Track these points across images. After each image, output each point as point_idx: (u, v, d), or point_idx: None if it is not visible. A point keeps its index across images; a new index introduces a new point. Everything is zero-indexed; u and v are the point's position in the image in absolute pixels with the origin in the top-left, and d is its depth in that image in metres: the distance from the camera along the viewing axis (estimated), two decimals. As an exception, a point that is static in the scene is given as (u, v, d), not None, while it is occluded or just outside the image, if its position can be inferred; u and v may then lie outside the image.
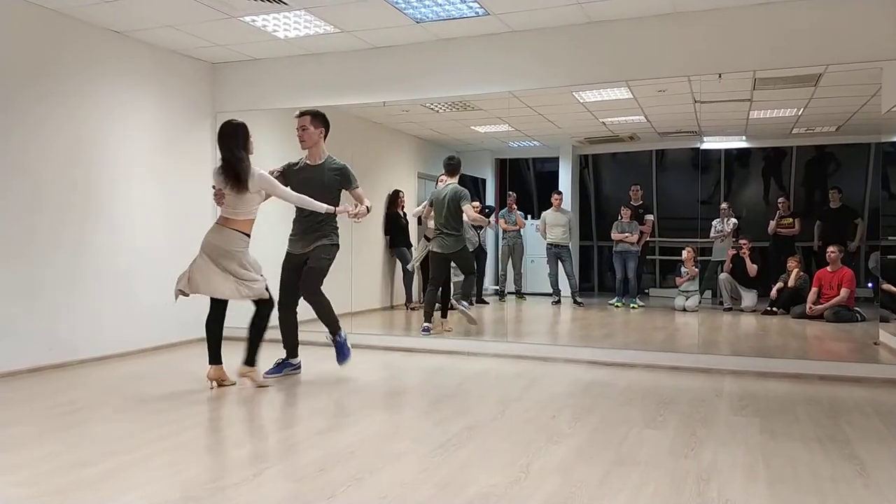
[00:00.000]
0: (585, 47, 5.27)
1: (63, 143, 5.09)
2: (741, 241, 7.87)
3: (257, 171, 4.15)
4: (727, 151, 8.46)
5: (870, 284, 7.11)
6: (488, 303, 8.28)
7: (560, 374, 4.86)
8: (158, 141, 5.93)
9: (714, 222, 8.09)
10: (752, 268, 7.73)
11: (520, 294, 8.50)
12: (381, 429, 3.44)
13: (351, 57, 5.98)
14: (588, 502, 2.44)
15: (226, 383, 4.33)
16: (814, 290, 7.08)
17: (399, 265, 7.67)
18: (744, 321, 7.34)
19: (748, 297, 7.70)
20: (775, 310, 7.42)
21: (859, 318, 6.71)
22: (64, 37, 5.11)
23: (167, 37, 5.65)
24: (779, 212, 7.99)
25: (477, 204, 6.55)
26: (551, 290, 8.24)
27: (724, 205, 8.21)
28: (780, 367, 4.80)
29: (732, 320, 7.42)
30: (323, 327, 4.59)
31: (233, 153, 4.08)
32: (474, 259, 6.53)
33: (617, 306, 8.20)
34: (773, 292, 7.49)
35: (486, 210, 8.01)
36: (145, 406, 3.88)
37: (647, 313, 8.07)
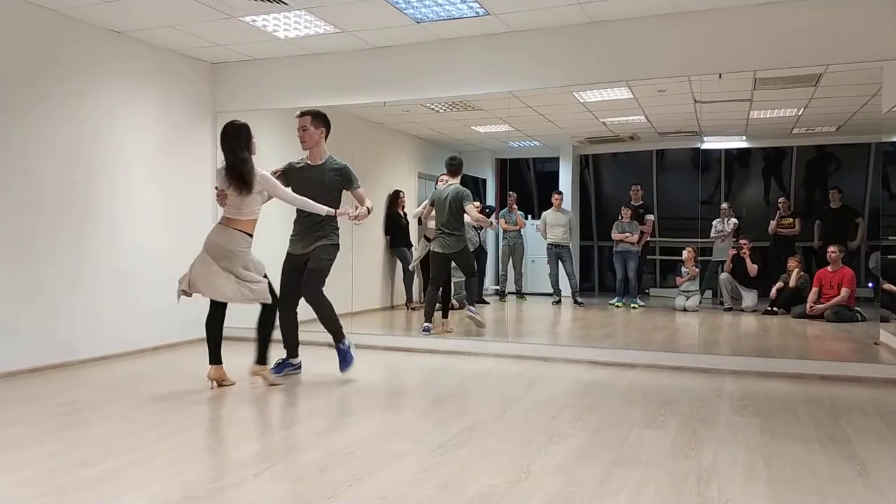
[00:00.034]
0: (585, 47, 5.27)
1: (63, 143, 5.10)
2: (741, 241, 7.86)
3: (259, 172, 4.16)
4: (727, 151, 8.45)
5: (870, 284, 7.10)
6: (489, 303, 8.27)
7: (561, 374, 4.86)
8: (159, 141, 5.93)
9: (714, 222, 8.09)
10: (753, 268, 7.72)
11: (520, 294, 8.51)
12: (382, 429, 3.44)
13: (351, 57, 5.98)
14: (589, 502, 2.44)
15: (226, 383, 4.33)
16: (814, 289, 7.07)
17: (399, 265, 7.67)
18: (744, 321, 7.34)
19: (749, 297, 7.70)
20: (776, 310, 7.42)
21: (860, 318, 6.70)
22: (64, 37, 5.11)
23: (167, 37, 5.65)
24: (779, 212, 7.98)
25: (478, 204, 6.55)
26: (552, 290, 8.24)
27: (724, 205, 8.20)
28: (780, 367, 4.80)
29: (733, 320, 7.42)
30: (323, 327, 4.57)
31: (236, 154, 4.08)
32: (475, 259, 6.53)
33: (617, 306, 8.20)
34: (772, 292, 7.49)
35: (487, 210, 8.01)
36: (145, 406, 3.88)
37: (647, 313, 8.06)
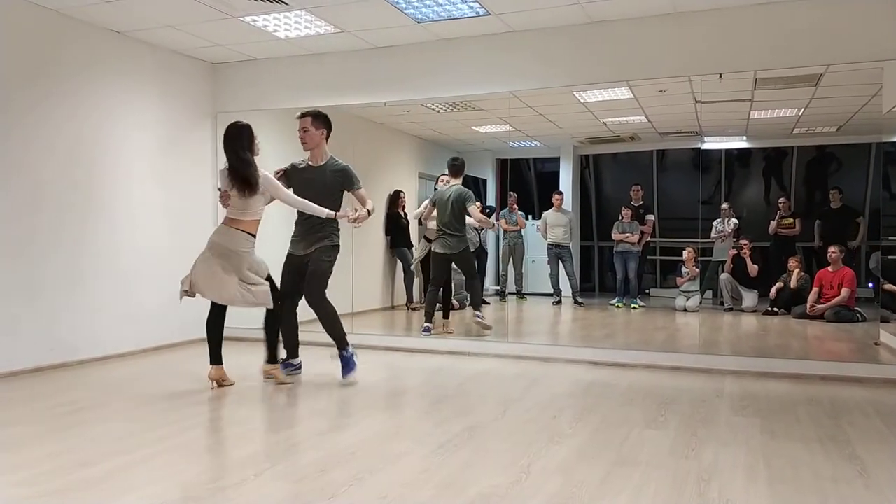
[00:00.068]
0: (586, 47, 5.27)
1: (63, 143, 5.10)
2: (742, 242, 7.86)
3: (262, 173, 4.16)
4: (728, 151, 8.46)
5: (870, 284, 7.10)
6: (489, 303, 8.26)
7: (561, 374, 4.85)
8: (159, 141, 5.92)
9: (715, 222, 8.09)
10: (753, 268, 7.72)
11: (520, 294, 8.51)
12: (382, 429, 3.43)
13: (352, 57, 5.98)
14: (589, 502, 2.44)
15: (226, 383, 4.33)
16: (814, 290, 7.07)
17: (400, 265, 7.67)
18: (744, 321, 7.33)
19: (749, 298, 7.70)
20: (776, 310, 7.42)
21: (860, 319, 6.70)
22: (64, 37, 5.11)
23: (168, 37, 5.65)
24: (779, 212, 7.98)
25: (479, 205, 6.55)
26: (552, 291, 8.24)
27: (724, 205, 8.20)
28: (780, 368, 4.80)
29: (733, 320, 7.41)
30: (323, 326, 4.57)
31: (238, 156, 4.08)
32: (475, 259, 6.53)
33: (618, 306, 8.19)
34: (772, 292, 7.49)
35: (487, 210, 8.01)
36: (145, 406, 3.88)
37: (647, 313, 8.06)
